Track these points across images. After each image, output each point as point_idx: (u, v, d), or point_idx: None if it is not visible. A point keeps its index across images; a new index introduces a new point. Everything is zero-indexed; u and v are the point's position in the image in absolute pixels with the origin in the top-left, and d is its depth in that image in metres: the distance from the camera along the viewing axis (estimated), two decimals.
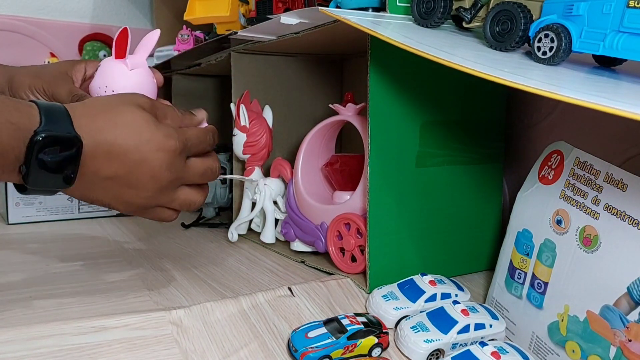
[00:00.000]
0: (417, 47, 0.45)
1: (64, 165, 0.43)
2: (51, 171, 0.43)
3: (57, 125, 0.42)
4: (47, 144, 0.42)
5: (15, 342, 0.44)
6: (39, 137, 0.41)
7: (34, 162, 0.42)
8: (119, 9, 1.37)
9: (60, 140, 0.42)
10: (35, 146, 0.41)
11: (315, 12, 0.55)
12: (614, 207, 0.44)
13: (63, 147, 0.43)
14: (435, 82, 0.61)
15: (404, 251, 0.62)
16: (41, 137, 0.41)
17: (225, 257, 0.72)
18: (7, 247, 0.76)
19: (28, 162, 0.42)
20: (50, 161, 0.42)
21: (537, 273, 0.51)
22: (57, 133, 0.42)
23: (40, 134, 0.41)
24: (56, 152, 0.42)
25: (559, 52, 0.44)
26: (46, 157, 0.42)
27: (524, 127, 0.72)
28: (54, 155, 0.42)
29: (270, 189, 0.75)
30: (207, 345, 0.48)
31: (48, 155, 0.42)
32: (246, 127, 0.77)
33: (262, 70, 0.83)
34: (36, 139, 0.41)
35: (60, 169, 0.43)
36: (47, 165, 0.42)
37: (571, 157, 0.50)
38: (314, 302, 0.56)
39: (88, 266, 0.67)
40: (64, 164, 0.43)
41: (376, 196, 0.58)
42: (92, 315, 0.49)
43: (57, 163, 0.43)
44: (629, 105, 0.32)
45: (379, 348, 0.49)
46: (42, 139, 0.41)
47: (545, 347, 0.49)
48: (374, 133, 0.57)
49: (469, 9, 0.52)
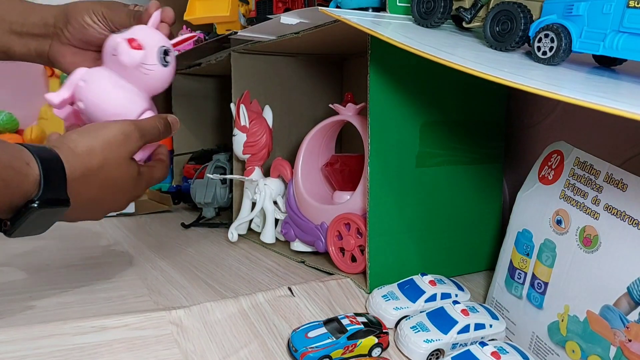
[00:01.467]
0: (417, 47, 0.45)
1: (47, 223, 0.46)
2: (33, 227, 0.45)
3: (54, 191, 0.44)
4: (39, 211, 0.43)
5: (15, 341, 0.44)
6: (34, 205, 0.42)
7: (22, 224, 0.43)
8: None
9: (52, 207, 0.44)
10: (29, 212, 0.42)
11: (315, 12, 0.55)
12: (614, 207, 0.44)
13: (53, 211, 0.44)
14: (435, 82, 0.61)
15: (404, 251, 0.62)
16: (37, 205, 0.42)
17: (225, 257, 0.72)
18: (7, 247, 0.76)
19: (15, 222, 0.43)
20: (36, 222, 0.44)
21: (537, 273, 0.51)
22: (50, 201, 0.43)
23: (37, 201, 0.42)
24: (45, 215, 0.44)
25: (559, 52, 0.44)
26: (34, 219, 0.43)
27: (524, 127, 0.72)
28: (42, 218, 0.44)
29: (270, 189, 0.75)
30: (207, 345, 0.48)
31: (37, 218, 0.44)
32: (246, 127, 0.77)
33: (262, 70, 0.83)
34: (31, 206, 0.42)
35: (42, 225, 0.46)
36: (32, 225, 0.44)
37: (571, 157, 0.50)
38: (314, 302, 0.56)
39: (88, 266, 0.67)
40: (47, 222, 0.46)
41: (376, 196, 0.58)
42: (92, 315, 0.49)
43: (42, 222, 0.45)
44: (629, 105, 0.32)
45: (379, 348, 0.49)
46: (37, 207, 0.42)
47: (545, 347, 0.49)
48: (374, 133, 0.57)
49: (469, 9, 0.52)
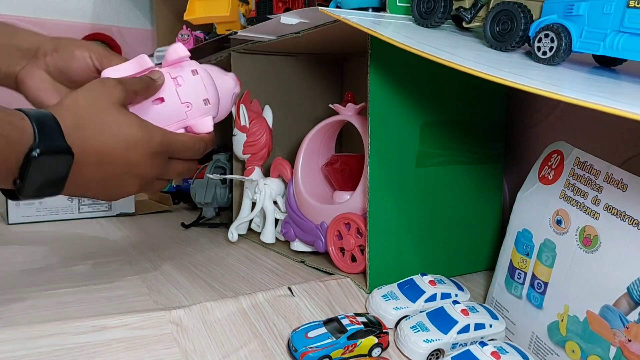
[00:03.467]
0: (417, 47, 0.45)
1: (56, 176, 0.45)
2: (44, 183, 0.44)
3: (51, 139, 0.44)
4: (43, 160, 0.43)
5: (15, 341, 0.44)
6: (34, 154, 0.42)
7: (30, 177, 0.43)
8: (119, 8, 1.37)
9: (54, 155, 0.44)
10: (32, 162, 0.42)
11: (315, 12, 0.55)
12: (614, 207, 0.44)
13: (56, 160, 0.44)
14: (435, 82, 0.61)
15: (404, 251, 0.62)
16: (37, 154, 0.42)
17: (225, 257, 0.72)
18: (7, 247, 0.76)
19: (23, 176, 0.43)
20: (44, 175, 0.44)
21: (537, 273, 0.51)
22: (50, 149, 0.43)
23: (36, 149, 0.42)
24: (50, 166, 0.44)
25: (559, 52, 0.44)
26: (41, 171, 0.43)
27: (524, 127, 0.72)
28: (48, 169, 0.44)
29: (270, 188, 0.75)
30: (207, 345, 0.48)
31: (43, 170, 0.43)
32: (246, 127, 0.77)
33: (262, 70, 0.83)
34: (32, 155, 0.42)
35: (52, 180, 0.45)
36: (41, 179, 0.44)
37: (571, 157, 0.50)
38: (314, 302, 0.56)
39: (88, 266, 0.67)
40: (56, 176, 0.45)
41: (376, 196, 0.58)
42: (91, 314, 0.49)
43: (51, 175, 0.44)
44: (629, 105, 0.32)
45: (379, 348, 0.49)
46: (38, 156, 0.42)
47: (545, 347, 0.49)
48: (374, 133, 0.57)
49: (469, 9, 0.52)
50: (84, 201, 0.94)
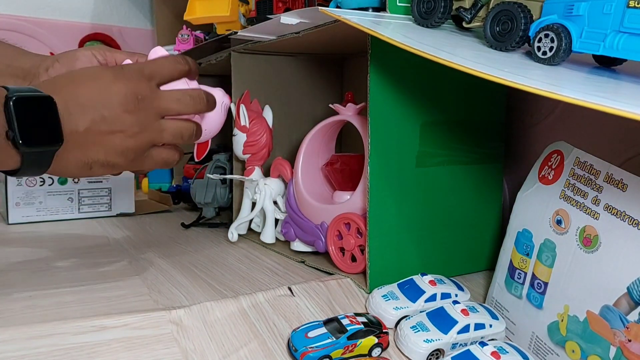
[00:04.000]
0: (417, 47, 0.45)
1: (46, 119, 0.45)
2: (37, 125, 0.45)
3: (24, 90, 0.45)
4: (23, 103, 0.44)
5: (14, 341, 0.44)
6: (12, 97, 0.44)
7: (19, 121, 0.44)
8: (119, 8, 1.37)
9: (33, 98, 0.45)
10: (14, 105, 0.43)
11: (315, 12, 0.55)
12: (614, 207, 0.44)
13: (38, 104, 0.45)
14: (435, 82, 0.61)
15: (404, 251, 0.62)
16: (15, 97, 0.44)
17: (225, 257, 0.72)
18: (7, 247, 0.76)
19: (11, 123, 0.44)
20: (32, 116, 0.44)
21: (537, 273, 0.51)
22: (27, 93, 0.45)
23: (13, 95, 0.44)
24: (34, 109, 0.45)
25: (559, 52, 0.44)
26: (26, 112, 0.44)
27: (524, 127, 0.72)
28: (33, 111, 0.45)
29: (270, 188, 0.75)
30: (207, 345, 0.48)
31: (27, 111, 0.44)
32: (246, 127, 0.77)
33: (262, 70, 0.83)
34: (10, 100, 0.43)
35: (42, 122, 0.45)
36: (31, 121, 0.44)
37: (571, 157, 0.50)
38: (314, 302, 0.56)
39: (88, 266, 0.67)
40: (45, 118, 0.45)
41: (376, 196, 0.58)
42: (91, 314, 0.49)
43: (39, 117, 0.45)
44: (629, 105, 0.32)
45: (379, 348, 0.49)
46: (16, 98, 0.44)
47: (545, 347, 0.49)
48: (374, 133, 0.57)
49: (469, 9, 0.52)
50: (84, 201, 0.94)
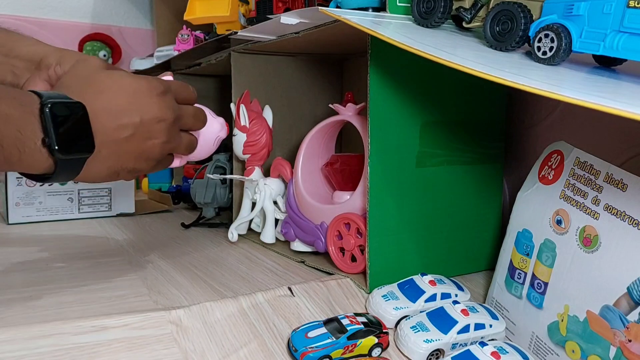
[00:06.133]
0: (417, 47, 0.45)
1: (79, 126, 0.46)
2: (71, 131, 0.45)
3: (56, 97, 0.45)
4: (57, 110, 0.44)
5: (15, 341, 0.44)
6: (48, 104, 0.44)
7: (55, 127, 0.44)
8: (119, 8, 1.37)
9: (66, 106, 0.45)
10: (49, 112, 0.44)
11: (315, 12, 0.55)
12: (614, 207, 0.44)
13: (71, 110, 0.45)
14: (435, 82, 0.61)
15: (404, 251, 0.62)
16: (50, 104, 0.44)
17: (225, 257, 0.72)
18: (7, 247, 0.76)
19: (47, 129, 0.44)
20: (66, 124, 0.45)
21: (537, 273, 0.51)
22: (58, 99, 0.45)
23: (47, 102, 0.44)
24: (67, 113, 0.45)
25: (559, 52, 0.44)
26: (61, 119, 0.44)
27: (524, 127, 0.72)
28: (66, 116, 0.45)
29: (270, 188, 0.75)
30: (207, 345, 0.48)
31: (62, 117, 0.44)
32: (246, 127, 0.77)
33: (262, 70, 0.83)
34: (46, 107, 0.44)
35: (77, 130, 0.46)
36: (66, 128, 0.45)
37: (571, 157, 0.50)
38: (314, 302, 0.56)
39: (88, 266, 0.67)
40: (78, 125, 0.46)
41: (376, 196, 0.58)
42: (91, 314, 0.49)
43: (73, 123, 0.45)
44: (629, 105, 0.32)
45: (379, 348, 0.49)
46: (51, 105, 0.44)
47: (545, 347, 0.49)
48: (374, 133, 0.57)
49: (469, 9, 0.52)
50: (84, 201, 0.94)
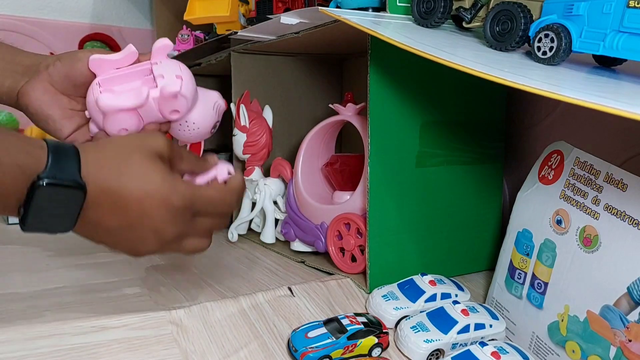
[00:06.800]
0: (417, 47, 0.45)
1: (64, 212, 0.42)
2: (49, 217, 0.42)
3: (63, 170, 0.41)
4: (49, 191, 0.40)
5: (14, 341, 0.44)
6: (41, 182, 0.40)
7: (33, 207, 0.40)
8: (119, 8, 1.37)
9: (62, 188, 0.41)
10: (37, 192, 0.40)
11: (315, 12, 0.55)
12: (614, 207, 0.44)
13: (65, 194, 0.41)
14: (435, 82, 0.61)
15: (404, 251, 0.62)
16: (44, 183, 0.40)
17: (225, 257, 0.72)
18: (7, 247, 0.76)
19: (27, 205, 0.40)
20: (49, 207, 0.41)
21: (537, 273, 0.51)
22: (60, 180, 0.40)
23: (44, 179, 0.40)
24: (58, 199, 0.41)
25: (559, 52, 0.44)
26: (47, 202, 0.41)
27: (524, 127, 0.72)
28: (55, 201, 0.41)
29: (270, 189, 0.75)
30: (207, 345, 0.48)
31: (49, 201, 0.41)
32: (246, 127, 0.77)
33: (262, 70, 0.83)
34: (38, 183, 0.40)
35: (59, 215, 0.42)
36: (45, 212, 0.41)
37: (571, 157, 0.50)
38: (314, 302, 0.56)
39: (88, 266, 0.67)
40: (64, 212, 0.42)
41: (376, 196, 0.58)
42: (91, 315, 0.49)
43: (57, 210, 0.41)
44: (629, 105, 0.32)
45: (379, 348, 0.49)
46: (45, 185, 0.40)
47: (545, 347, 0.49)
48: (374, 133, 0.57)
49: (469, 9, 0.52)
50: None
